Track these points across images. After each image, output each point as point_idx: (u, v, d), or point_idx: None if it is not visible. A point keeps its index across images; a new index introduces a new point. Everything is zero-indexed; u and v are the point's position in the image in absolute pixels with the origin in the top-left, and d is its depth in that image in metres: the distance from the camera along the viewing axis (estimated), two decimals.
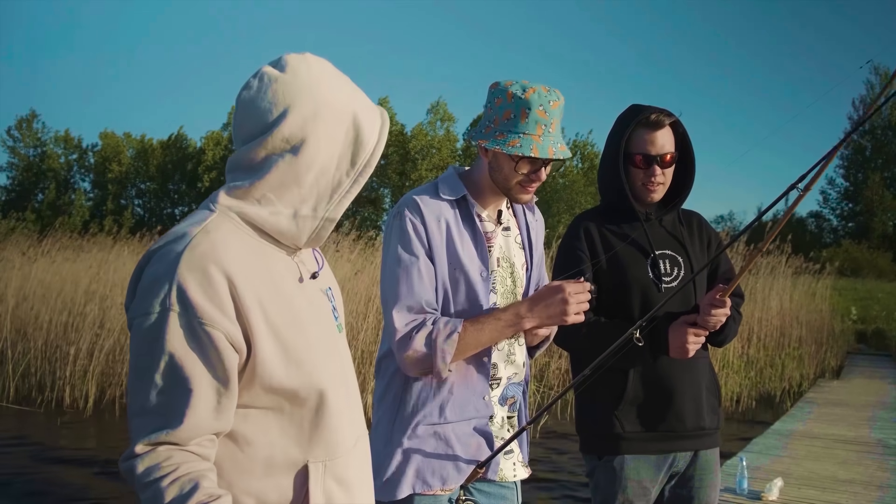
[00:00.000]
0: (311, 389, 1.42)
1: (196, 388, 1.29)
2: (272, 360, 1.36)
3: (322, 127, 1.41)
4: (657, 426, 2.46)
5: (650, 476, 2.47)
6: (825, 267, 16.38)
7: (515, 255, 2.31)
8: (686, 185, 2.58)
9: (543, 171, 2.16)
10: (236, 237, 1.39)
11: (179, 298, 1.28)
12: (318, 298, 1.54)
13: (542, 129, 2.09)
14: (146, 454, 1.27)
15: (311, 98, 1.41)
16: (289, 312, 1.41)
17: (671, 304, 2.44)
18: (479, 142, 2.16)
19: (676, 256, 2.53)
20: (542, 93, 2.09)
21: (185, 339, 1.28)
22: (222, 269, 1.32)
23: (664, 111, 2.52)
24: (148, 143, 49.80)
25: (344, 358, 1.60)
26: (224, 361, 1.31)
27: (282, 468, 1.42)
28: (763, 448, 7.22)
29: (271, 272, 1.42)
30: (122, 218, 42.20)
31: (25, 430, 8.38)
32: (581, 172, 43.54)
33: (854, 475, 6.25)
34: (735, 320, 2.57)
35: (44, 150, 49.89)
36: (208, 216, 1.39)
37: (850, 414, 9.28)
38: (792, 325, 13.40)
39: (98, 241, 14.49)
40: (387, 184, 45.07)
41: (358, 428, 1.59)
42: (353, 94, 1.47)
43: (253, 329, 1.33)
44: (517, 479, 2.33)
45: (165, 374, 1.28)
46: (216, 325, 1.29)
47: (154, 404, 1.28)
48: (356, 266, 10.41)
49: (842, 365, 14.88)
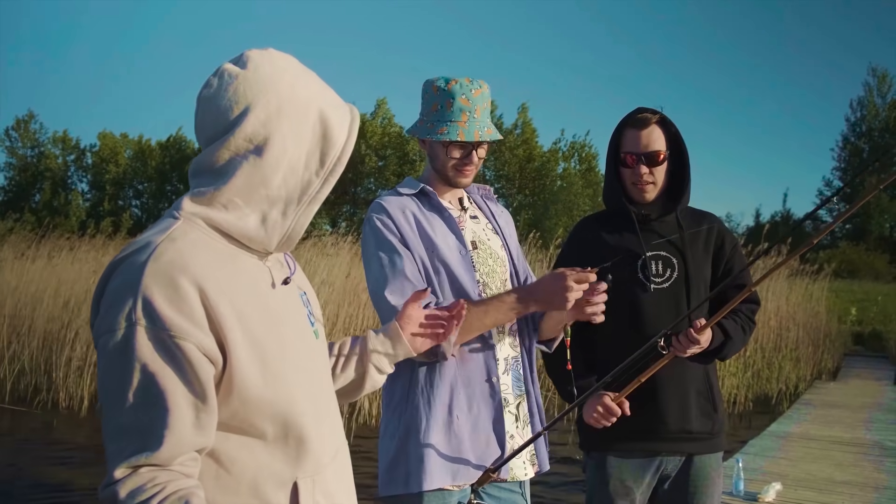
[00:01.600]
0: (289, 398, 1.35)
1: (172, 405, 1.21)
2: (249, 370, 1.29)
3: (286, 124, 1.33)
4: (638, 428, 2.46)
5: (633, 476, 2.50)
6: (822, 268, 16.39)
7: (490, 238, 2.39)
8: (684, 184, 2.59)
9: (475, 154, 2.30)
10: (204, 244, 1.32)
11: (146, 311, 1.21)
12: (293, 303, 1.48)
13: (467, 116, 2.24)
14: (127, 478, 1.19)
15: (273, 94, 1.33)
16: (265, 319, 1.35)
17: (661, 306, 2.48)
18: (412, 135, 2.32)
19: (670, 258, 2.53)
20: (463, 83, 2.26)
21: (155, 354, 1.20)
22: (191, 278, 1.24)
23: (650, 110, 2.56)
24: (146, 143, 49.73)
25: (321, 365, 1.55)
26: (199, 374, 1.23)
27: (270, 487, 1.35)
28: (759, 450, 7.22)
29: (243, 278, 1.35)
30: (120, 219, 42.15)
31: (20, 430, 8.36)
32: (579, 174, 43.54)
33: (850, 477, 6.25)
34: (743, 333, 2.57)
35: (41, 150, 49.81)
36: (173, 224, 1.32)
37: (846, 415, 9.30)
38: (789, 326, 13.38)
39: (95, 242, 14.44)
40: (385, 185, 45.06)
41: (338, 438, 1.54)
42: (319, 90, 1.40)
43: (228, 338, 1.27)
44: (527, 478, 2.34)
45: (138, 393, 1.20)
46: (187, 337, 1.22)
47: (130, 426, 1.20)
48: (353, 267, 10.39)
49: (839, 366, 14.91)
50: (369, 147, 42.60)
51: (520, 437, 2.30)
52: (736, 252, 2.62)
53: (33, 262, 11.85)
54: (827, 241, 51.21)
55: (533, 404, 2.38)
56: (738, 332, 2.54)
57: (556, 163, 44.00)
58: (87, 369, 9.35)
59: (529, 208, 40.96)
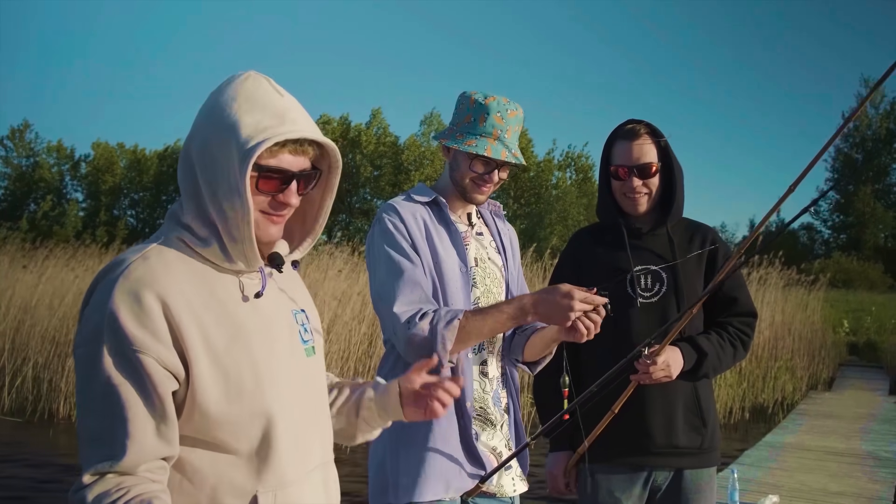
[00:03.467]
0: (256, 414, 1.38)
1: (132, 416, 1.27)
2: (211, 384, 1.33)
3: (217, 150, 1.36)
4: (626, 442, 2.47)
5: (621, 488, 2.50)
6: (817, 279, 16.43)
7: (492, 257, 2.40)
8: (675, 196, 2.58)
9: (497, 174, 2.29)
10: (180, 261, 1.37)
11: (110, 326, 1.27)
12: (273, 319, 1.47)
13: (499, 134, 2.25)
14: (94, 483, 1.26)
15: (212, 118, 1.38)
16: (232, 335, 1.37)
17: (649, 320, 2.47)
18: (440, 140, 2.32)
19: (660, 272, 2.53)
20: (501, 102, 2.26)
21: (115, 367, 1.27)
22: (156, 294, 1.29)
23: (641, 122, 2.56)
24: (141, 153, 49.70)
25: (309, 379, 1.54)
26: (158, 388, 1.29)
27: (229, 499, 1.37)
28: (755, 460, 7.22)
29: (214, 295, 1.38)
30: (115, 229, 42.06)
31: (18, 441, 8.33)
32: (575, 184, 43.62)
33: (845, 487, 6.26)
34: (732, 348, 2.53)
35: (36, 160, 49.75)
36: (152, 243, 1.39)
37: (841, 426, 9.30)
38: (784, 336, 13.42)
39: (90, 251, 14.41)
40: (380, 195, 45.06)
41: (320, 453, 1.53)
42: (256, 112, 1.37)
43: (189, 353, 1.31)
44: (516, 494, 2.35)
45: (102, 403, 1.27)
46: (147, 351, 1.27)
47: (96, 435, 1.28)
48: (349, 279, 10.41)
49: (834, 377, 14.93)
50: (364, 157, 42.61)
51: (506, 451, 2.33)
52: (722, 268, 2.60)
53: (30, 272, 11.81)
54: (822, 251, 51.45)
55: (515, 419, 2.40)
56: (720, 347, 2.50)
57: (551, 173, 44.08)
58: None
59: (525, 218, 40.98)
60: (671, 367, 2.38)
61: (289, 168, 1.38)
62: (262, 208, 1.40)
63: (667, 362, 2.37)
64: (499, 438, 2.31)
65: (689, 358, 2.44)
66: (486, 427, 2.29)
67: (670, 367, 2.38)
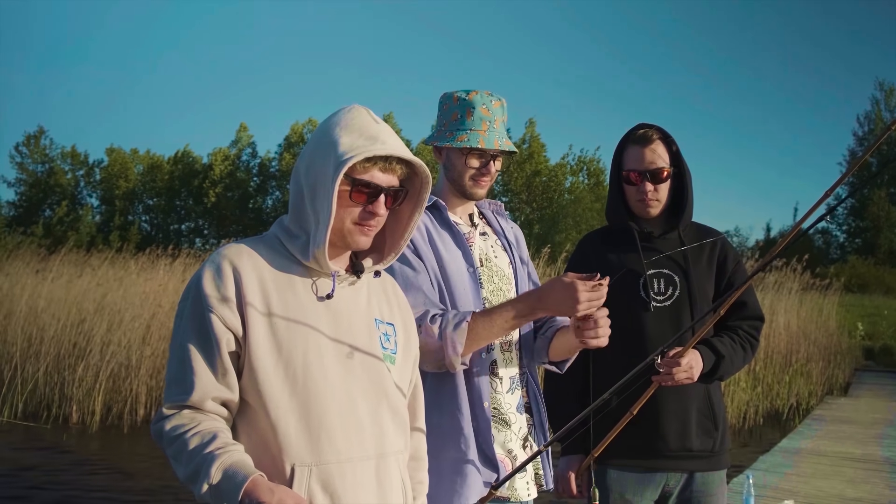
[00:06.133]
0: (298, 392, 1.56)
1: (198, 362, 1.54)
2: (265, 352, 1.56)
3: (318, 166, 1.62)
4: (639, 445, 2.47)
5: (633, 490, 2.50)
6: (832, 283, 16.33)
7: (498, 255, 2.39)
8: (686, 200, 2.59)
9: (492, 165, 2.30)
10: (268, 250, 1.64)
11: (196, 287, 1.57)
12: (345, 319, 1.66)
13: (487, 125, 2.27)
14: (172, 415, 1.54)
15: (319, 140, 1.64)
16: (295, 318, 1.59)
17: (662, 324, 2.48)
18: (431, 143, 2.33)
19: (672, 275, 2.54)
20: (483, 95, 2.29)
21: (191, 320, 1.56)
22: (234, 265, 1.58)
23: (653, 126, 2.56)
24: (156, 158, 50.02)
25: (376, 380, 1.68)
26: (219, 341, 1.54)
27: (267, 461, 1.54)
28: (770, 466, 7.17)
29: (291, 284, 1.62)
30: (129, 234, 42.32)
31: (32, 445, 8.38)
32: (588, 188, 43.56)
33: (862, 493, 6.20)
34: (743, 351, 2.54)
35: (51, 166, 50.10)
36: (256, 238, 1.68)
37: (858, 431, 9.24)
38: (799, 341, 13.35)
39: (105, 256, 14.48)
40: None
41: (374, 445, 1.64)
42: (353, 134, 1.62)
43: (249, 318, 1.56)
44: (531, 498, 2.33)
45: (180, 350, 1.56)
46: (215, 311, 1.55)
47: (173, 375, 1.57)
48: None
49: (849, 382, 14.83)
50: None
51: (522, 455, 2.30)
52: (739, 268, 2.61)
53: (45, 278, 11.88)
54: (837, 255, 51.13)
55: (537, 423, 2.38)
56: (733, 350, 2.51)
57: (564, 177, 44.05)
58: (97, 386, 9.38)
59: (538, 222, 40.96)
60: (693, 369, 2.38)
61: (378, 183, 1.62)
62: (354, 219, 1.63)
63: (690, 363, 2.36)
64: (514, 440, 2.29)
65: (708, 360, 2.45)
66: (501, 428, 2.27)
67: (693, 368, 2.38)
